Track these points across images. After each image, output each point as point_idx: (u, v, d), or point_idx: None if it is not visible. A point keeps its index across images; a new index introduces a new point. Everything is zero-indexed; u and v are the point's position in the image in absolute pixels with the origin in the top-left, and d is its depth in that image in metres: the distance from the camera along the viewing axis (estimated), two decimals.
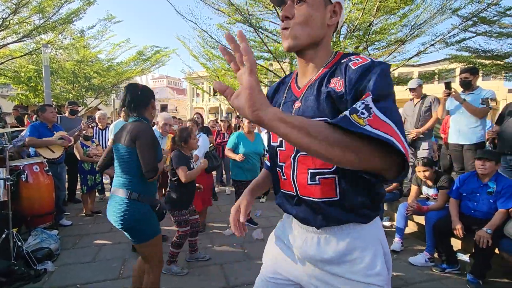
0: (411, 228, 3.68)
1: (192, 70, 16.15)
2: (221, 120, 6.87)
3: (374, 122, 0.59)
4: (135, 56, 13.11)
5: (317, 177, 0.84)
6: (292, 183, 0.90)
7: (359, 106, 0.62)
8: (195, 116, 5.71)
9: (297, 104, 0.89)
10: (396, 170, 0.62)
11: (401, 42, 8.25)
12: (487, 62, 8.31)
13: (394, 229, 3.35)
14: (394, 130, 0.59)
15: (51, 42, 10.35)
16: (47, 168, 3.40)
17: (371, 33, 7.62)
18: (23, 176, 3.01)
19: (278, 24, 8.15)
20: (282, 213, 1.07)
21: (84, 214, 4.36)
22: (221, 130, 6.08)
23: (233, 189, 6.01)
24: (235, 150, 3.82)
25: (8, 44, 9.61)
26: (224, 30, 9.09)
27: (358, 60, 0.77)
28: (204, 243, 3.11)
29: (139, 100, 1.88)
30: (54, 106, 10.93)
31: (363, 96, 0.67)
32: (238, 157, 3.66)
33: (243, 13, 7.62)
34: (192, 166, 2.69)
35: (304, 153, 0.86)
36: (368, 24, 7.73)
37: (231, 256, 3.09)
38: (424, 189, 3.23)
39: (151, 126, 2.03)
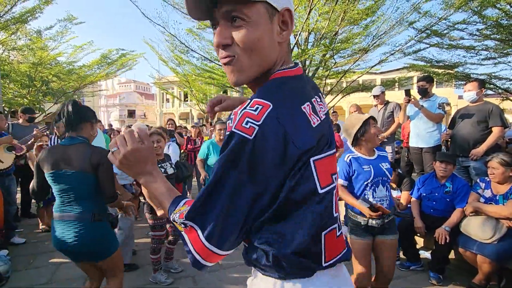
0: None
1: (161, 75, 15.75)
2: (192, 126, 6.73)
3: (188, 232, 0.61)
4: (99, 60, 12.45)
5: None
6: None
7: (179, 219, 0.63)
8: (168, 123, 5.54)
9: None
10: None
11: (364, 51, 8.75)
12: (439, 71, 9.07)
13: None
14: (197, 238, 0.60)
15: (2, 42, 9.51)
16: None
17: (336, 42, 7.99)
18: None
19: None
20: None
21: (40, 230, 3.99)
22: (192, 136, 5.94)
23: None
24: (207, 160, 3.69)
25: None
26: (194, 35, 9.00)
27: (231, 121, 0.59)
28: (176, 255, 2.98)
29: (81, 116, 1.75)
30: (6, 112, 10.03)
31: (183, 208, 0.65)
32: (201, 178, 3.69)
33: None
34: (163, 170, 2.68)
35: None
36: (334, 33, 8.09)
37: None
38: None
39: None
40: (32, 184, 1.80)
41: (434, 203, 2.82)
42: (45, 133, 4.01)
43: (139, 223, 4.29)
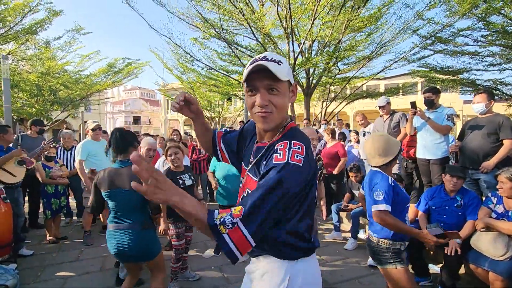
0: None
1: (166, 82, 15.90)
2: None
3: (232, 232, 0.79)
4: (106, 68, 12.64)
5: None
6: None
7: (228, 220, 0.80)
8: (173, 133, 5.57)
9: (252, 160, 1.06)
10: None
11: (368, 58, 8.76)
12: (444, 77, 9.03)
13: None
14: (243, 236, 0.79)
15: (12, 52, 9.72)
16: (4, 195, 3.11)
17: (340, 49, 8.02)
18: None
19: (251, 39, 8.34)
20: None
21: (47, 241, 4.01)
22: (197, 145, 5.97)
23: (206, 204, 5.90)
24: (214, 172, 3.70)
25: None
26: (198, 45, 9.11)
27: (280, 154, 0.90)
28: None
29: (127, 141, 2.11)
30: (14, 120, 10.17)
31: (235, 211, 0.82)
32: (213, 186, 3.71)
33: (217, 29, 7.69)
34: (181, 182, 2.77)
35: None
36: (337, 41, 8.13)
37: (209, 282, 2.97)
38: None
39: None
40: (91, 201, 2.16)
41: (444, 216, 2.78)
42: (52, 146, 4.07)
43: None
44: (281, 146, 0.92)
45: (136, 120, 39.85)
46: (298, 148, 0.90)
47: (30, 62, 10.85)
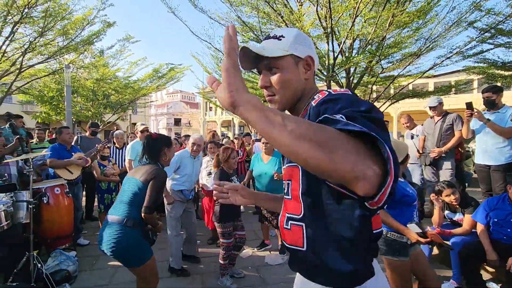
0: (434, 251, 3.49)
1: (205, 85, 16.50)
2: (234, 138, 6.90)
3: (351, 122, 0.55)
4: (151, 74, 13.52)
5: (290, 222, 0.88)
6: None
7: (334, 116, 0.58)
8: (211, 134, 5.76)
9: None
10: (373, 181, 0.50)
11: (416, 55, 8.16)
12: (506, 73, 8.05)
13: None
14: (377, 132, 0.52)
15: (73, 62, 10.86)
16: (67, 190, 3.47)
17: (384, 47, 7.57)
18: (44, 198, 3.08)
19: None
20: None
21: None
22: (235, 147, 6.08)
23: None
24: (253, 172, 3.86)
25: (34, 65, 10.13)
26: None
27: (319, 95, 0.80)
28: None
29: (152, 150, 2.19)
30: (73, 122, 11.38)
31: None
32: (243, 182, 3.91)
33: (255, 32, 7.77)
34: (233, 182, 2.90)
35: (287, 196, 0.90)
36: (381, 38, 7.70)
37: (246, 281, 3.01)
38: (447, 213, 3.07)
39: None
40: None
41: (508, 230, 2.48)
42: (106, 146, 4.46)
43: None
44: (311, 100, 0.83)
45: (177, 121, 41.99)
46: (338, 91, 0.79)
47: (87, 69, 12.02)
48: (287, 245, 0.89)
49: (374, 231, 0.81)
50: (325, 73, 7.96)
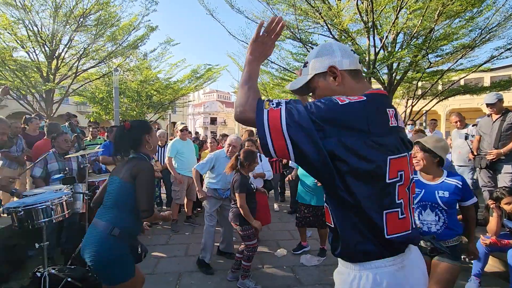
0: (491, 264, 3.16)
1: None
2: None
3: (271, 113, 0.83)
4: (190, 74, 14.08)
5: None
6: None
7: (275, 101, 0.88)
8: (246, 133, 5.83)
9: None
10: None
11: (469, 48, 7.43)
12: None
13: (471, 265, 2.91)
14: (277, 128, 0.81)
15: (120, 65, 11.73)
16: None
17: (432, 40, 7.00)
18: (97, 191, 3.36)
19: (328, 37, 8.04)
20: None
21: (144, 225, 4.69)
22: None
23: (277, 205, 5.93)
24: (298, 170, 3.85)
25: (87, 69, 11.15)
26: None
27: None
28: (254, 263, 3.08)
29: (129, 139, 1.83)
30: (120, 121, 12.28)
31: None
32: (286, 178, 3.76)
33: (292, 30, 7.69)
34: (252, 187, 2.89)
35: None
36: (428, 30, 7.15)
37: (281, 280, 3.00)
38: (505, 221, 2.75)
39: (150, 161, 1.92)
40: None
41: None
42: None
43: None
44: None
45: (213, 120, 43.24)
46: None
47: (132, 72, 12.89)
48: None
49: (388, 236, 0.84)
50: (365, 70, 7.61)
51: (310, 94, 1.08)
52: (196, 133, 14.61)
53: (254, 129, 6.18)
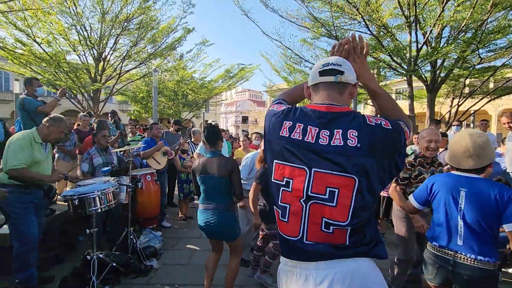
0: None
1: (272, 83, 16.75)
2: None
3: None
4: (223, 74, 14.42)
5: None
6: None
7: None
8: None
9: None
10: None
11: None
12: None
13: None
14: None
15: (158, 66, 12.35)
16: (156, 177, 3.98)
17: (483, 33, 6.41)
18: (139, 183, 3.59)
19: (365, 33, 7.73)
20: None
21: (179, 218, 4.91)
22: None
23: None
24: None
25: (129, 70, 11.90)
26: (308, 45, 9.16)
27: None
28: (275, 263, 3.08)
29: (217, 136, 2.42)
30: (158, 118, 12.97)
31: None
32: None
33: (327, 27, 7.51)
34: None
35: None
36: (479, 23, 6.57)
37: None
38: None
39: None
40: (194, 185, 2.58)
41: None
42: (187, 141, 4.95)
43: None
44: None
45: (245, 119, 43.71)
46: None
47: (169, 72, 13.50)
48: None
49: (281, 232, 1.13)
50: (406, 67, 7.20)
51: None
52: (227, 131, 14.93)
53: None
